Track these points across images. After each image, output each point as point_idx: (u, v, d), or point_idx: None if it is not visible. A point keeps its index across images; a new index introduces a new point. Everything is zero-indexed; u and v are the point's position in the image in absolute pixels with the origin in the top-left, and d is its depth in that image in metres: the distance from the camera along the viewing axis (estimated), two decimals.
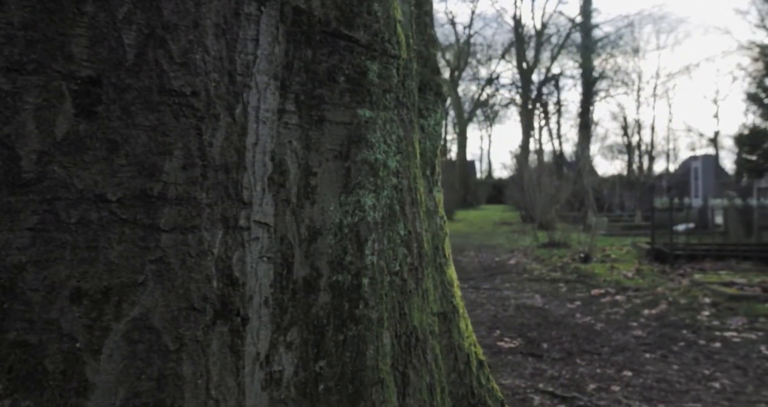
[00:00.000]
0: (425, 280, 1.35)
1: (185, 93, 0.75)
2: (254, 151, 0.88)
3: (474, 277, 7.39)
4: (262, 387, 0.92)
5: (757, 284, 5.30)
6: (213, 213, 0.79)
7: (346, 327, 1.14)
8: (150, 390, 0.70)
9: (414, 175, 1.37)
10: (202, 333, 0.76)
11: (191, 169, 0.76)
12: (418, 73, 1.44)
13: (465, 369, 1.38)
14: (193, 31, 0.76)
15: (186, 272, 0.75)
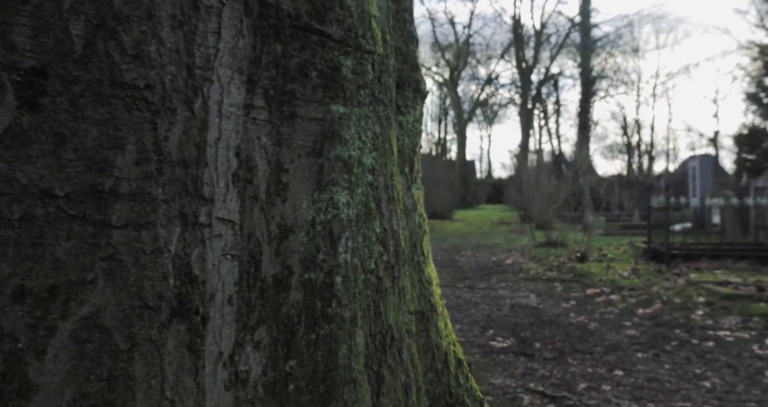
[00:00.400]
0: (402, 279, 1.33)
1: (139, 86, 0.73)
2: (217, 146, 0.86)
3: (470, 277, 7.37)
4: (225, 387, 0.90)
5: (752, 283, 5.28)
6: (170, 210, 0.77)
7: (318, 326, 1.12)
8: (99, 391, 0.69)
9: (391, 172, 1.35)
10: (156, 333, 0.74)
11: (145, 164, 0.74)
12: (395, 69, 1.43)
13: (443, 369, 1.37)
14: (146, 22, 0.74)
15: (139, 270, 0.73)
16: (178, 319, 0.78)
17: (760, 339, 3.78)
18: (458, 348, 1.49)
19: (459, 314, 5.04)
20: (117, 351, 0.71)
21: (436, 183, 25.34)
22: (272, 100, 1.07)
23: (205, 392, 0.82)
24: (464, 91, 38.88)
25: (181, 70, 0.79)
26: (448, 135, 42.20)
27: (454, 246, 11.65)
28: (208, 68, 0.84)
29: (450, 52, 36.65)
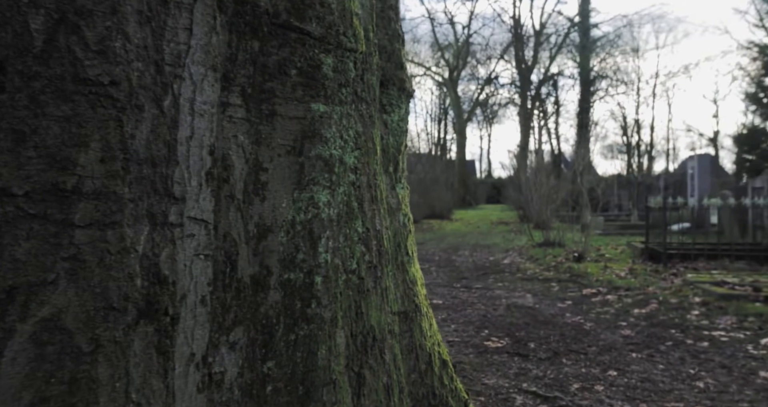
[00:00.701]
0: (385, 279, 1.32)
1: (103, 82, 0.72)
2: (189, 144, 0.85)
3: (467, 277, 7.35)
4: (198, 389, 0.89)
5: (749, 283, 5.27)
6: (137, 209, 0.76)
7: (297, 327, 1.11)
8: (60, 394, 0.67)
9: (374, 171, 1.33)
10: (122, 334, 0.73)
11: (111, 162, 0.73)
12: (379, 67, 1.41)
13: (426, 369, 1.35)
14: (111, 18, 0.72)
15: (104, 270, 0.72)
16: (146, 320, 0.76)
17: (754, 339, 3.76)
18: (443, 349, 1.48)
19: (455, 314, 5.02)
20: (79, 354, 0.69)
21: (435, 183, 25.31)
22: (250, 98, 1.06)
23: (175, 394, 0.80)
24: (464, 91, 38.88)
25: (149, 67, 0.78)
26: (448, 135, 42.20)
27: (451, 246, 11.63)
28: (178, 65, 0.82)
29: (449, 52, 36.61)
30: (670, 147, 38.16)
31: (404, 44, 1.56)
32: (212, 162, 0.90)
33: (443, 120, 42.57)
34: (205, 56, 0.87)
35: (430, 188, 24.06)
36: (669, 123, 45.21)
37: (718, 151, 34.83)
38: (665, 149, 38.57)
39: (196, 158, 0.86)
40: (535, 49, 34.05)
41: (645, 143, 36.14)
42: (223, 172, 0.98)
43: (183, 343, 0.82)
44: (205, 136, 0.88)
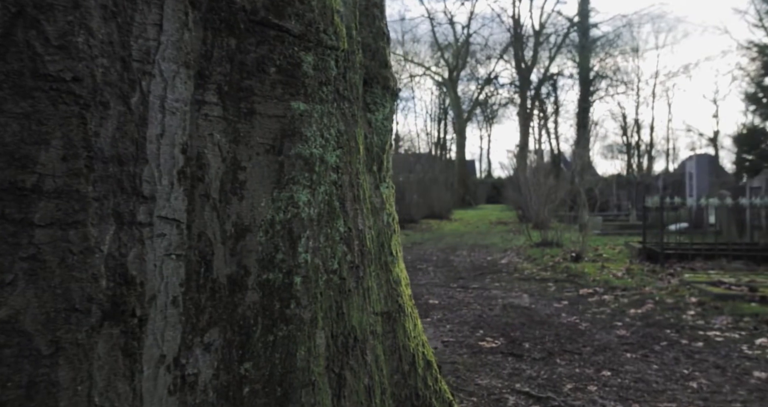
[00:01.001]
0: (367, 279, 1.30)
1: (65, 78, 0.70)
2: (159, 142, 0.83)
3: (464, 277, 7.34)
4: (169, 391, 0.87)
5: (745, 283, 5.25)
6: (102, 208, 0.74)
7: (276, 328, 1.09)
8: (17, 398, 0.66)
9: (356, 170, 1.32)
10: (85, 336, 0.71)
11: (73, 160, 0.71)
12: (363, 65, 1.40)
13: (410, 370, 1.34)
14: (72, 12, 0.71)
15: (66, 271, 0.70)
16: (111, 322, 0.75)
17: (749, 339, 3.75)
18: (428, 350, 1.46)
19: (450, 314, 5.01)
20: (38, 356, 0.68)
21: (434, 183, 25.29)
22: (227, 96, 1.04)
23: (144, 397, 0.79)
24: (463, 91, 38.89)
25: (114, 63, 0.76)
26: (448, 135, 42.20)
27: (450, 246, 11.61)
28: (147, 62, 0.81)
29: (449, 52, 36.61)
30: (670, 147, 38.15)
31: (389, 43, 1.54)
32: (185, 160, 0.89)
33: (443, 120, 42.58)
34: (177, 53, 0.85)
35: (429, 188, 24.04)
36: (669, 123, 45.23)
37: (718, 151, 34.83)
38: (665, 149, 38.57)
39: (167, 156, 0.84)
40: (535, 49, 34.05)
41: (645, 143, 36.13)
42: (197, 171, 0.96)
43: (152, 345, 0.80)
44: (177, 134, 0.86)
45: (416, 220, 19.73)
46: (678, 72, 40.66)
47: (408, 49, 38.41)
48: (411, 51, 38.50)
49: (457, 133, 37.68)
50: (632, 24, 32.60)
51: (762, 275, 5.94)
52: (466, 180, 36.87)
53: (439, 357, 3.62)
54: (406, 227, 17.76)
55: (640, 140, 36.16)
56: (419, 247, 11.53)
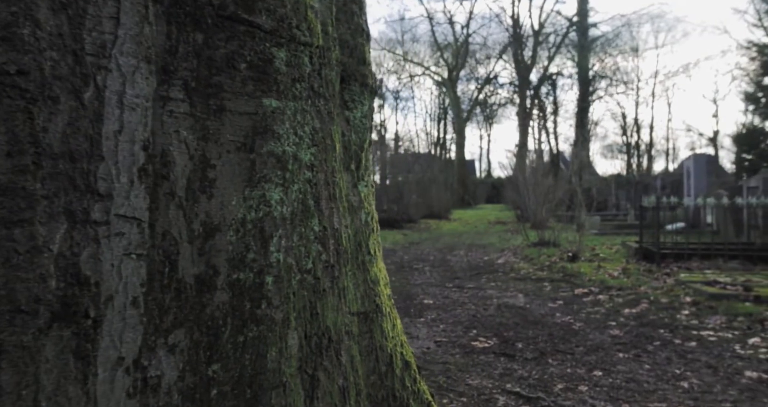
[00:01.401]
0: (343, 279, 1.29)
1: (9, 71, 0.69)
2: (117, 139, 0.82)
3: (460, 276, 7.33)
4: (129, 394, 0.86)
5: (741, 283, 5.24)
6: (52, 206, 0.73)
7: (246, 328, 1.08)
8: None
9: (332, 168, 1.31)
10: (31, 339, 0.70)
11: (19, 157, 0.70)
12: (340, 62, 1.39)
13: (387, 371, 1.33)
14: (17, 3, 0.69)
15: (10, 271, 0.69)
16: (61, 323, 0.74)
17: (742, 339, 3.74)
18: (407, 350, 1.45)
19: (444, 314, 5.00)
20: None
21: (433, 183, 25.27)
22: (195, 92, 1.03)
23: (98, 400, 0.77)
24: (463, 90, 38.89)
25: (65, 57, 0.75)
26: (448, 135, 42.18)
27: (447, 246, 11.60)
28: (103, 56, 0.80)
29: (448, 52, 36.60)
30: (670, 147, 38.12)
31: (369, 39, 1.53)
32: (146, 158, 0.88)
33: (443, 120, 42.56)
34: (137, 47, 0.84)
35: (428, 188, 24.02)
36: (669, 122, 45.18)
37: (717, 150, 34.81)
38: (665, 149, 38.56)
39: (126, 153, 0.83)
40: (534, 49, 34.04)
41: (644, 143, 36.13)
42: (162, 169, 0.95)
43: (109, 347, 0.79)
44: (137, 130, 0.85)
45: (415, 220, 19.72)
46: (678, 72, 40.64)
47: (407, 48, 38.42)
48: (411, 51, 38.50)
49: (457, 132, 37.69)
50: (632, 24, 32.56)
51: (758, 275, 5.93)
52: (466, 180, 36.85)
53: (431, 357, 3.61)
54: (405, 227, 17.75)
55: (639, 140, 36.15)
56: (416, 247, 11.51)
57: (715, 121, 47.70)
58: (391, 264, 8.76)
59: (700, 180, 11.68)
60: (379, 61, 40.01)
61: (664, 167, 36.45)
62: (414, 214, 19.96)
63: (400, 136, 38.66)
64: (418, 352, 3.72)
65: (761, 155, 24.34)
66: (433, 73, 39.17)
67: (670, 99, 46.48)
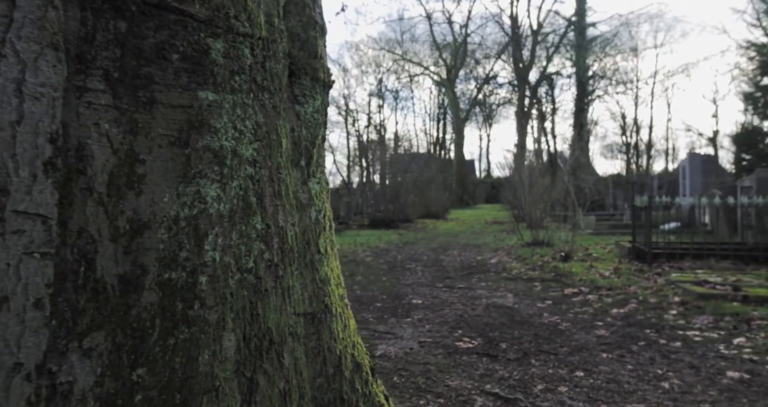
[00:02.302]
0: (288, 278, 1.25)
1: None
2: (15, 130, 0.78)
3: (451, 276, 7.29)
4: (30, 402, 0.82)
5: (731, 283, 5.20)
6: None
7: (177, 330, 1.04)
8: None
9: (278, 164, 1.27)
10: None
11: None
12: (288, 55, 1.35)
13: (335, 374, 1.28)
14: None
15: None
16: None
17: (727, 339, 3.70)
18: (359, 352, 1.41)
19: (432, 314, 4.96)
20: None
21: (431, 182, 25.22)
22: (119, 83, 0.99)
23: None
24: (462, 90, 38.85)
25: None
26: (447, 134, 42.11)
27: (441, 246, 11.56)
28: None
29: (447, 52, 36.55)
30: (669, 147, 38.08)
31: (324, 33, 1.49)
32: (54, 150, 0.84)
33: (443, 120, 42.52)
34: (39, 32, 0.80)
35: (425, 188, 23.98)
36: (668, 122, 45.05)
37: (717, 150, 34.77)
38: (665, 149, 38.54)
39: (27, 146, 0.79)
40: (533, 49, 34.00)
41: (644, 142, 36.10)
42: (77, 163, 0.91)
43: (3, 353, 0.75)
44: (42, 121, 0.81)
45: (412, 220, 19.69)
46: (677, 71, 40.56)
47: (407, 48, 38.37)
48: (410, 50, 38.46)
49: (456, 132, 37.66)
50: (630, 23, 32.48)
51: (749, 274, 5.89)
52: (465, 180, 36.81)
53: (413, 358, 3.57)
54: (401, 226, 17.71)
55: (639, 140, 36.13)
56: (411, 247, 11.47)
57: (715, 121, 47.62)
58: (384, 264, 8.72)
59: (695, 180, 11.64)
60: (379, 60, 39.98)
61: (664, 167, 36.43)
62: (411, 214, 19.93)
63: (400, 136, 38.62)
64: (401, 353, 3.68)
65: (759, 155, 24.32)
66: (432, 73, 39.15)
67: (669, 99, 46.37)
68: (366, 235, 14.19)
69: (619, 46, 33.74)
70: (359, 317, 4.85)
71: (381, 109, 42.92)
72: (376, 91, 41.72)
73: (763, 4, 25.79)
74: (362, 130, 41.34)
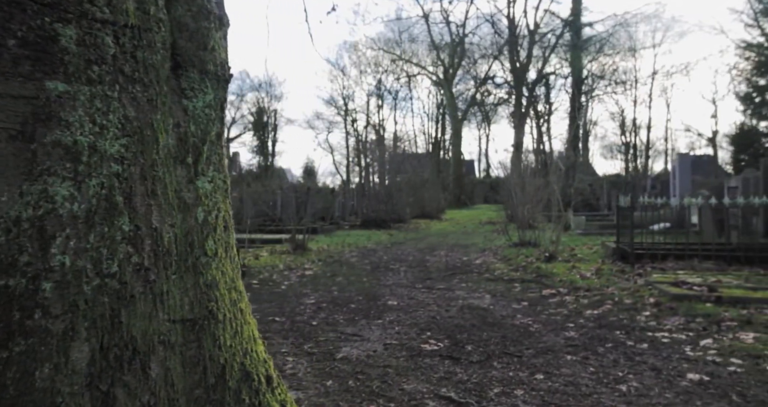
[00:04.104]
0: (161, 283, 1.18)
1: None
2: None
3: (433, 277, 7.21)
4: None
5: (710, 283, 5.13)
6: None
7: (12, 342, 0.96)
8: None
9: (153, 161, 1.19)
10: None
11: None
12: (172, 46, 1.27)
13: (216, 384, 1.21)
14: None
15: None
16: None
17: (695, 340, 3.63)
18: (252, 360, 1.33)
19: (404, 316, 4.88)
20: None
21: (426, 183, 25.14)
22: None
23: None
24: (460, 90, 38.78)
25: None
26: (446, 135, 42.02)
27: (429, 246, 11.47)
28: None
29: (445, 52, 36.45)
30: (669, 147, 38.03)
31: (223, 24, 1.42)
32: None
33: (442, 120, 42.45)
34: None
35: (420, 188, 23.88)
36: (668, 123, 44.96)
37: (717, 151, 34.72)
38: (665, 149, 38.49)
39: None
40: (530, 49, 33.92)
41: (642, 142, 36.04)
42: None
43: None
44: None
45: (405, 220, 19.60)
46: (676, 71, 40.45)
47: (405, 48, 38.28)
48: (408, 51, 38.37)
49: (453, 132, 37.57)
50: (628, 23, 32.38)
51: (729, 275, 5.82)
52: (462, 180, 36.73)
53: (374, 360, 3.49)
54: (393, 227, 17.62)
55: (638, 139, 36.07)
56: (399, 247, 11.39)
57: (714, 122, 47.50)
58: (368, 265, 8.64)
59: (685, 180, 11.57)
60: (378, 60, 39.88)
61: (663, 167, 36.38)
62: (404, 214, 19.85)
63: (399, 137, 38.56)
64: (363, 355, 3.61)
65: (755, 155, 24.26)
66: (430, 73, 39.09)
67: (669, 99, 46.29)
68: (356, 235, 14.12)
69: (617, 46, 33.66)
70: (330, 319, 4.77)
71: (380, 109, 42.89)
72: (375, 91, 41.69)
73: (759, 4, 25.70)
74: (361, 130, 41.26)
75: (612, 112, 45.40)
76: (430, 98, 47.96)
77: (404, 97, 49.50)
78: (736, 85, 28.56)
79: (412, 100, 64.35)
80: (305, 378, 3.20)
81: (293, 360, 3.57)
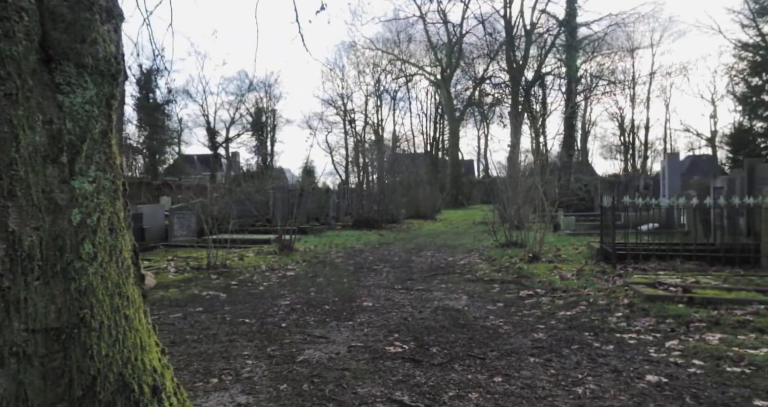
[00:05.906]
0: (20, 290, 1.11)
1: None
2: None
3: (414, 278, 7.14)
4: None
5: (688, 284, 5.06)
6: None
7: None
8: None
9: (12, 160, 1.13)
10: None
11: None
12: (37, 37, 1.21)
13: (84, 396, 1.15)
14: None
15: None
16: None
17: (661, 341, 3.56)
18: (135, 369, 1.27)
19: (376, 317, 4.81)
20: None
21: (420, 183, 25.05)
22: None
23: None
24: (457, 91, 38.70)
25: None
26: (445, 135, 41.90)
27: (417, 247, 11.40)
28: None
29: (442, 52, 36.36)
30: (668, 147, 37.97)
31: (112, 17, 1.35)
32: None
33: (442, 120, 42.36)
34: None
35: (413, 188, 23.79)
36: (667, 123, 44.84)
37: (716, 150, 34.65)
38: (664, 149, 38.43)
39: None
40: (526, 49, 33.83)
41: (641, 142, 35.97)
42: None
43: None
44: None
45: (398, 220, 19.51)
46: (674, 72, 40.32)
47: (403, 49, 38.20)
48: (406, 51, 38.30)
49: (450, 132, 37.47)
50: (625, 23, 32.25)
51: (709, 275, 5.75)
52: (459, 180, 36.63)
53: (334, 363, 3.42)
54: (385, 227, 17.53)
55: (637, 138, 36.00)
56: (387, 248, 11.31)
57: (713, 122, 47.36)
58: (352, 265, 8.56)
59: (674, 180, 11.51)
60: (377, 61, 39.79)
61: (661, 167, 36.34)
62: (398, 214, 19.76)
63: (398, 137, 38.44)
64: (324, 358, 3.54)
65: (751, 155, 24.19)
66: (427, 73, 39.03)
67: (667, 99, 46.15)
68: (345, 236, 14.05)
69: (614, 46, 33.55)
70: (301, 320, 4.71)
71: (379, 110, 42.82)
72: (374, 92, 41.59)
73: (756, 4, 25.61)
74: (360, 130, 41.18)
75: (611, 113, 45.32)
76: (429, 98, 47.89)
77: (403, 97, 49.45)
78: (734, 85, 28.46)
79: (410, 101, 64.33)
80: (260, 381, 3.13)
81: (252, 363, 3.50)
